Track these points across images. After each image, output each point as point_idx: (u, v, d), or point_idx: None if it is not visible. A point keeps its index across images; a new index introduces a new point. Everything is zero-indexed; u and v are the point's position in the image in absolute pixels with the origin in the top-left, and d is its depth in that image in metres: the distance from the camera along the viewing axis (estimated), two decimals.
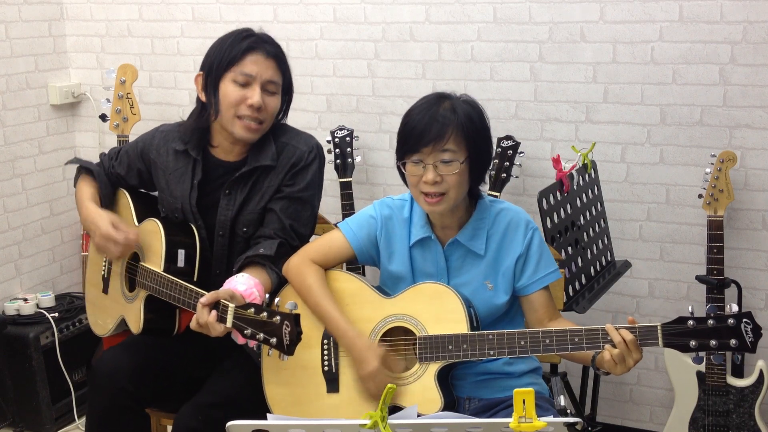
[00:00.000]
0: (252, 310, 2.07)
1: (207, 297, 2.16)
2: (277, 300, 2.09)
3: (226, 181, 2.50)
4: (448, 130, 2.13)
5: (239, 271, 2.37)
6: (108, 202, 2.67)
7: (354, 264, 2.80)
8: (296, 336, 2.00)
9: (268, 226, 2.48)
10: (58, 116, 4.01)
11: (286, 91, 2.52)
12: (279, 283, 2.42)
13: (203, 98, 2.48)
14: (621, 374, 2.05)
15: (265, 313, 2.04)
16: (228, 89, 2.41)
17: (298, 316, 2.01)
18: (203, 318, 2.15)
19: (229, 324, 2.11)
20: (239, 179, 2.49)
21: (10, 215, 3.77)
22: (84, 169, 2.72)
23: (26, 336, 3.53)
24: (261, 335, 2.05)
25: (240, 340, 2.12)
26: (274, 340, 2.02)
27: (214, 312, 2.14)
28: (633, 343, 2.02)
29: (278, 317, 2.01)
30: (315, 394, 2.29)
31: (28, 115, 3.84)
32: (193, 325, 2.20)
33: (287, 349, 2.01)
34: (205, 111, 2.48)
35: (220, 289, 2.23)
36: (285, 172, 2.48)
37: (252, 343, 2.08)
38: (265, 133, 2.50)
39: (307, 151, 2.50)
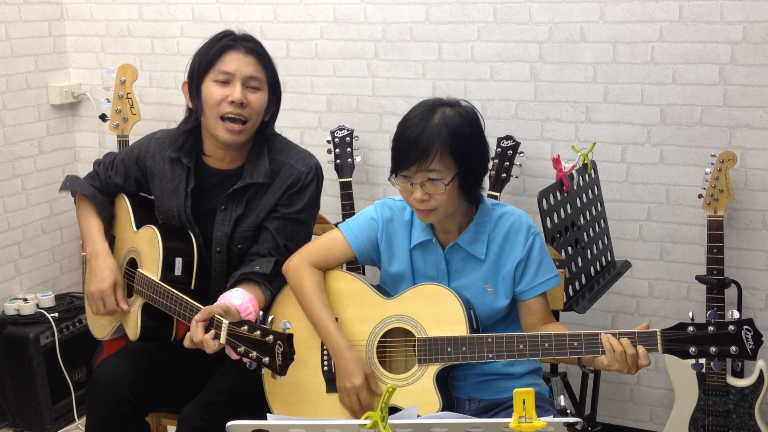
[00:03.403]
0: (246, 327, 2.06)
1: (201, 314, 2.15)
2: (270, 318, 2.07)
3: (221, 189, 2.48)
4: (432, 149, 2.08)
5: (233, 286, 2.36)
6: (108, 223, 2.65)
7: (354, 263, 2.80)
8: (289, 356, 1.98)
9: (263, 244, 2.47)
10: (58, 116, 4.00)
11: (274, 90, 2.49)
12: (272, 301, 2.41)
13: (190, 105, 2.47)
14: (618, 371, 2.04)
15: (258, 332, 2.03)
16: (209, 89, 2.39)
17: (291, 336, 1.99)
18: (198, 336, 2.14)
19: (222, 340, 2.10)
20: (234, 194, 2.47)
21: (10, 215, 3.77)
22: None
23: (26, 336, 3.53)
24: (254, 353, 2.03)
25: (234, 356, 2.10)
26: (266, 360, 2.01)
27: (212, 332, 2.12)
28: (623, 355, 2.01)
29: (271, 336, 1.99)
30: (315, 394, 2.29)
31: (28, 115, 3.84)
32: (187, 343, 2.18)
33: (279, 369, 1.99)
34: (192, 115, 2.47)
35: (215, 303, 2.21)
36: (282, 192, 2.46)
37: (245, 360, 2.07)
38: (260, 147, 2.48)
39: (305, 171, 2.48)
